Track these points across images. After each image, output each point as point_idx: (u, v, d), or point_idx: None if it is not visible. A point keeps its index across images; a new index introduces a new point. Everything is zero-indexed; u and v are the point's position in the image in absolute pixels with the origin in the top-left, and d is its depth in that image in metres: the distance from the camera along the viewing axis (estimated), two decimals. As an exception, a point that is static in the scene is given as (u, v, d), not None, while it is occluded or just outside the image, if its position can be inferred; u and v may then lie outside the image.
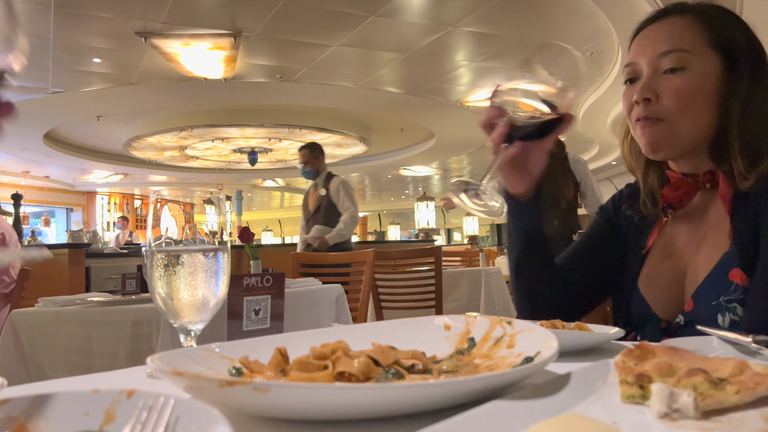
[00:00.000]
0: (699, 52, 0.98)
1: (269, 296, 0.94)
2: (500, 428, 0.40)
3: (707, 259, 0.99)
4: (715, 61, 0.98)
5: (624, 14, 5.90)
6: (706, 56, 0.98)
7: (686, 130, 0.98)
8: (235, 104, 9.17)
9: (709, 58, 0.98)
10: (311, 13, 5.91)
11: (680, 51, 0.98)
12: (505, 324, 0.68)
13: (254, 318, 0.92)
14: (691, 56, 0.98)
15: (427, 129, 11.12)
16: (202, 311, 0.72)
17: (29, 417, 0.43)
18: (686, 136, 0.99)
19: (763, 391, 0.46)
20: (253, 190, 18.73)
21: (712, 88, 0.98)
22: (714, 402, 0.45)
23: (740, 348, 0.71)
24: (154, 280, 0.71)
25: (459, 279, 4.34)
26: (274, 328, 0.94)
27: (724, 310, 0.95)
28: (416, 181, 18.25)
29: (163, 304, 0.72)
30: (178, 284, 0.70)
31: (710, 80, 0.98)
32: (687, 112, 0.97)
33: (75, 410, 0.44)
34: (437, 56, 7.28)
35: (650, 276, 1.08)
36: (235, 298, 0.91)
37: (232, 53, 6.90)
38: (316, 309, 2.53)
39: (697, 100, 0.97)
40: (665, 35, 1.00)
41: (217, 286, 0.72)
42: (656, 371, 0.51)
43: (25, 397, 0.44)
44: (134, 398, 0.43)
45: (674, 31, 1.00)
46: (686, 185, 1.04)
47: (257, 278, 0.93)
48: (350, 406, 0.45)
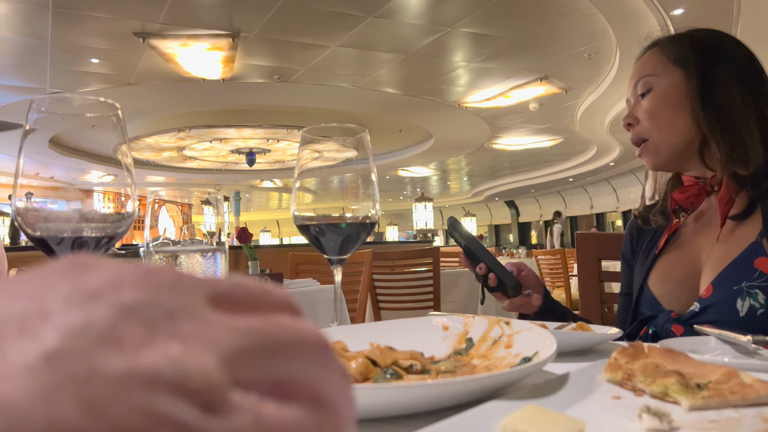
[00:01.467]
0: (661, 72, 1.12)
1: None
2: (498, 429, 0.40)
3: (730, 249, 1.03)
4: (676, 74, 1.10)
5: (622, 15, 5.90)
6: (667, 73, 1.11)
7: (667, 140, 1.10)
8: (233, 105, 9.17)
9: (670, 74, 1.11)
10: (309, 14, 5.91)
11: (647, 76, 1.13)
12: (503, 324, 0.68)
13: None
14: (654, 78, 1.13)
15: (426, 130, 11.13)
16: None
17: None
18: (670, 145, 1.10)
19: (738, 400, 0.47)
20: (251, 190, 18.73)
21: (676, 98, 1.09)
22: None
23: (738, 348, 0.71)
24: None
25: (457, 279, 4.34)
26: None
27: (745, 295, 0.97)
28: (414, 182, 18.26)
29: None
30: None
31: (673, 92, 1.10)
32: (660, 125, 1.10)
33: None
34: (435, 57, 7.29)
35: (662, 275, 1.13)
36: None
37: (231, 54, 6.89)
38: (314, 309, 2.53)
39: (666, 112, 1.09)
40: (638, 68, 1.17)
41: None
42: (642, 371, 0.53)
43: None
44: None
45: (644, 62, 1.16)
46: (695, 188, 1.11)
47: (255, 279, 0.94)
48: (348, 406, 0.45)
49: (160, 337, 0.16)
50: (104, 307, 0.16)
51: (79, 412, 0.14)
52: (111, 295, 0.17)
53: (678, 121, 1.09)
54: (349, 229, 0.78)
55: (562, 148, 13.08)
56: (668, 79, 1.11)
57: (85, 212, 0.62)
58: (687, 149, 1.09)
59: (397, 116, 9.97)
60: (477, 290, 4.29)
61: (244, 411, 0.17)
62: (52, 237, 0.61)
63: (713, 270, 1.03)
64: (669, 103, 1.10)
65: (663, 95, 1.10)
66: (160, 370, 0.15)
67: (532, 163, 15.32)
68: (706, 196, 1.12)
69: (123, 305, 0.16)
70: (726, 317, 0.97)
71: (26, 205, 0.61)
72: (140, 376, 0.15)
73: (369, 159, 0.80)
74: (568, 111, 9.84)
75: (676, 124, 1.09)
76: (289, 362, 0.19)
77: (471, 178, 18.28)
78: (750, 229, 1.03)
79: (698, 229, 1.13)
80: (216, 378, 0.16)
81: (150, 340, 0.16)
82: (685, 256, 1.11)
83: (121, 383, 0.15)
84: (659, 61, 1.13)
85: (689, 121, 1.08)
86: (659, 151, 1.11)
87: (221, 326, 0.18)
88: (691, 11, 5.59)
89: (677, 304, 1.07)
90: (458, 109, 9.54)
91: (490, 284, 1.14)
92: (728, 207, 1.04)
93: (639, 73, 1.15)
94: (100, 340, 0.15)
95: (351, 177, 0.81)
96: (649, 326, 1.08)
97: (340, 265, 0.81)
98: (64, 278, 0.17)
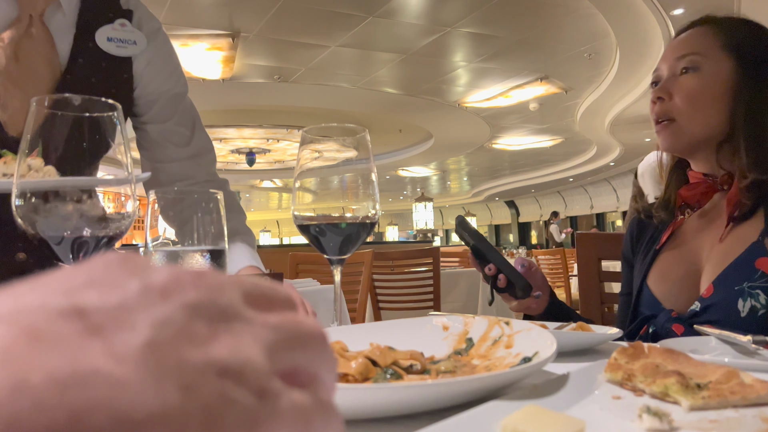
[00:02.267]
0: (712, 55, 1.05)
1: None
2: (498, 429, 0.40)
3: (731, 249, 1.02)
4: (727, 63, 1.05)
5: (622, 15, 5.91)
6: (718, 59, 1.05)
7: (696, 127, 1.06)
8: (233, 105, 9.17)
9: (721, 61, 1.05)
10: (310, 14, 5.91)
11: (694, 54, 1.06)
12: (503, 324, 0.68)
13: (257, 318, 0.94)
14: (703, 59, 1.06)
15: (425, 130, 11.13)
16: None
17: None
18: (696, 133, 1.06)
19: (738, 400, 0.47)
20: (251, 190, 18.73)
21: (722, 88, 1.04)
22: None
23: (738, 348, 0.71)
24: None
25: (457, 279, 4.34)
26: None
27: (747, 295, 0.97)
28: (414, 182, 18.27)
29: None
30: None
31: (720, 81, 1.04)
32: (696, 110, 1.05)
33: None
34: (435, 57, 7.29)
35: (661, 273, 1.12)
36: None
37: (231, 54, 6.90)
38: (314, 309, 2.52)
39: (707, 99, 1.04)
40: (684, 42, 1.10)
41: None
42: (642, 371, 0.53)
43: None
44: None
45: (692, 38, 1.10)
46: (704, 185, 1.09)
47: (261, 278, 0.95)
48: (348, 406, 0.45)
49: (220, 332, 0.19)
50: (175, 305, 0.19)
51: (179, 394, 0.17)
52: (178, 294, 0.19)
53: (714, 111, 1.04)
54: (349, 229, 0.78)
55: (562, 148, 13.08)
56: (717, 65, 1.05)
57: (85, 212, 0.62)
58: (709, 142, 1.06)
59: (397, 116, 9.97)
60: (477, 290, 4.28)
61: (283, 397, 0.19)
62: (52, 237, 0.61)
63: (714, 269, 1.03)
64: (712, 90, 1.04)
65: (709, 80, 1.05)
66: (227, 361, 0.18)
67: (532, 163, 15.32)
68: (713, 194, 1.09)
69: (188, 303, 0.19)
70: (727, 317, 0.96)
71: (26, 204, 0.61)
72: (214, 366, 0.18)
73: (369, 159, 0.80)
74: (568, 111, 9.84)
75: (712, 114, 1.05)
76: (301, 353, 0.22)
77: (471, 178, 18.29)
78: (752, 229, 1.02)
79: (700, 227, 1.11)
80: (264, 368, 0.19)
81: (213, 335, 0.19)
82: (686, 255, 1.10)
83: (203, 371, 0.17)
84: (711, 43, 1.07)
85: (725, 115, 1.04)
86: (683, 135, 1.06)
87: (258, 323, 0.21)
88: (691, 11, 5.59)
89: (677, 303, 1.06)
90: (458, 109, 9.55)
91: (499, 285, 1.12)
92: (736, 207, 1.03)
93: (686, 48, 1.08)
94: (180, 333, 0.18)
95: (351, 177, 0.81)
96: (649, 325, 1.08)
97: (340, 265, 0.81)
98: (130, 275, 0.19)
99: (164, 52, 1.27)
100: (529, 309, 1.16)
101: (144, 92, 1.23)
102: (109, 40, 1.15)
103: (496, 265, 1.11)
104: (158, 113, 1.26)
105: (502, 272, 1.11)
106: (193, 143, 1.32)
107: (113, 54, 1.16)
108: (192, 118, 1.33)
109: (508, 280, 1.10)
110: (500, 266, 1.11)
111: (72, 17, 1.13)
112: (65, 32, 1.12)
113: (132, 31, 1.18)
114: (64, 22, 1.13)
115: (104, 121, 0.64)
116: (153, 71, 1.23)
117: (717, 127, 1.05)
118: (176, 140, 1.29)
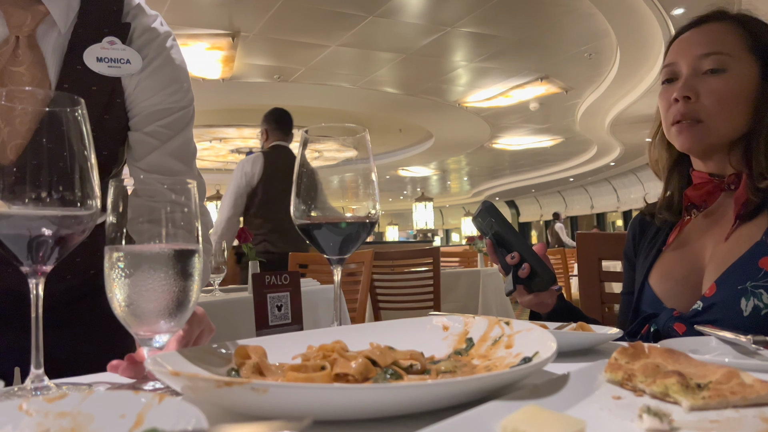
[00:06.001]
0: (738, 56, 1.03)
1: (288, 293, 0.98)
2: (498, 429, 0.40)
3: (735, 248, 1.02)
4: (754, 65, 1.04)
5: (622, 15, 5.91)
6: (745, 60, 1.04)
7: (721, 129, 1.04)
8: (233, 104, 9.17)
9: (748, 63, 1.04)
10: (310, 14, 5.91)
11: (721, 54, 1.03)
12: (503, 324, 0.67)
13: (277, 314, 0.95)
14: (731, 59, 1.03)
15: (426, 129, 11.13)
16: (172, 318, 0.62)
17: (79, 413, 0.44)
18: (722, 136, 1.04)
19: (738, 400, 0.47)
20: (251, 190, 18.70)
21: (749, 90, 1.03)
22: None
23: (739, 348, 0.71)
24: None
25: (457, 280, 4.34)
26: (295, 322, 0.97)
27: (750, 294, 0.96)
28: (414, 182, 18.26)
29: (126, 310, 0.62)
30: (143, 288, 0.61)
31: (748, 83, 1.03)
32: (725, 112, 1.03)
33: (114, 410, 0.44)
34: (435, 57, 7.29)
35: (664, 272, 1.11)
36: (260, 296, 0.93)
37: (230, 53, 6.89)
38: (314, 309, 2.52)
39: (736, 102, 1.03)
40: (705, 38, 1.06)
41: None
42: (642, 371, 0.53)
43: (79, 395, 0.45)
44: (164, 403, 0.43)
45: (714, 35, 1.06)
46: (711, 185, 1.08)
47: (276, 276, 0.96)
48: (348, 406, 0.45)
49: None
50: None
51: None
52: None
53: (739, 113, 1.03)
54: (349, 229, 0.77)
55: (563, 148, 13.08)
56: (744, 67, 1.03)
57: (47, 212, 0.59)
58: (729, 142, 1.06)
59: (397, 116, 9.97)
60: (477, 290, 4.28)
61: None
62: (6, 235, 0.58)
63: (717, 269, 1.02)
64: (741, 93, 1.03)
65: (737, 82, 1.03)
66: None
67: (532, 163, 15.32)
68: (719, 194, 1.09)
69: None
70: (729, 317, 0.96)
71: None
72: None
73: (369, 159, 0.80)
74: (569, 111, 9.84)
75: (737, 117, 1.03)
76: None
77: (471, 177, 18.28)
78: (756, 228, 1.02)
79: (705, 227, 1.10)
80: None
81: None
82: (688, 254, 1.10)
83: None
84: (737, 42, 1.04)
85: (748, 117, 1.03)
86: (708, 137, 1.04)
87: None
88: (691, 11, 5.58)
89: (678, 303, 1.06)
90: (458, 108, 9.54)
91: (520, 275, 1.07)
92: (744, 207, 1.02)
93: (710, 45, 1.04)
94: None
95: (351, 177, 0.81)
96: (650, 324, 1.07)
97: (340, 265, 0.81)
98: None
99: (167, 70, 1.12)
100: (540, 305, 1.12)
101: (140, 109, 1.10)
102: (99, 60, 1.03)
103: (521, 254, 1.07)
104: (158, 131, 1.11)
105: (527, 261, 1.07)
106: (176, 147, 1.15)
107: (105, 75, 1.03)
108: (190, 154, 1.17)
109: (531, 270, 1.07)
110: (526, 255, 1.07)
111: (68, 36, 1.03)
112: (60, 52, 1.01)
113: (123, 49, 1.06)
114: (59, 41, 1.02)
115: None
116: (150, 88, 1.09)
117: (739, 129, 1.04)
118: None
